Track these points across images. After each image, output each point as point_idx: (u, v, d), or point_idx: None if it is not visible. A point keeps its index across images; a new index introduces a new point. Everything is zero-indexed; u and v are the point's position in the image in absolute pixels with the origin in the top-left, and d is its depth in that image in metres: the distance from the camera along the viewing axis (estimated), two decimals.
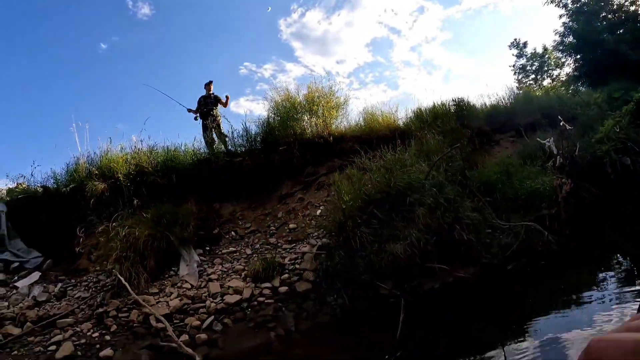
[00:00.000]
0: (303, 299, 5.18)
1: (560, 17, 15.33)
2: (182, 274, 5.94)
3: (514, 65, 20.30)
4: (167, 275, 5.99)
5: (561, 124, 8.60)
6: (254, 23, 33.21)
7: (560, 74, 18.54)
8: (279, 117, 8.92)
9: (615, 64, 12.95)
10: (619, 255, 5.74)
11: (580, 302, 4.36)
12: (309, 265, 5.70)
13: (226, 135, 8.86)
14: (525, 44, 19.99)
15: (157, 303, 5.24)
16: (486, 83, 34.10)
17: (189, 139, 10.52)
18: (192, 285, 5.69)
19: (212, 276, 5.85)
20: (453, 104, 9.76)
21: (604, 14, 14.13)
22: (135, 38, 28.36)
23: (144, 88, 23.58)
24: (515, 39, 20.31)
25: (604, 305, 4.09)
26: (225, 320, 4.86)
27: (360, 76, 34.75)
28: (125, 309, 5.10)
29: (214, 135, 8.72)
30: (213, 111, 8.74)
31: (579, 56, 14.87)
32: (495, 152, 9.45)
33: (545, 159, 8.03)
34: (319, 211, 7.31)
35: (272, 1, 32.15)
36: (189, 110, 8.95)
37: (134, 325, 4.80)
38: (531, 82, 19.33)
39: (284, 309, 5.02)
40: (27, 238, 6.90)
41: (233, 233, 7.28)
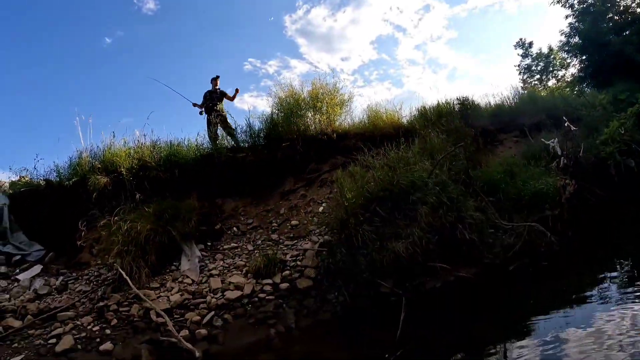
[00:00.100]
0: (304, 295, 5.17)
1: (566, 18, 15.19)
2: (184, 269, 5.95)
3: (519, 65, 20.25)
4: (169, 270, 5.99)
5: (566, 124, 8.58)
6: (259, 19, 33.20)
7: (565, 75, 18.43)
8: (282, 114, 8.89)
9: (621, 66, 12.84)
10: (621, 256, 5.70)
11: (582, 303, 4.35)
12: (310, 262, 5.69)
13: (234, 129, 8.82)
14: (530, 44, 19.94)
15: (158, 298, 5.25)
16: (491, 82, 33.99)
17: (192, 133, 10.52)
18: (193, 280, 5.69)
19: (213, 272, 5.85)
20: (457, 103, 9.73)
21: (611, 15, 13.99)
22: (140, 33, 28.46)
23: (148, 82, 23.61)
24: (520, 39, 20.26)
25: (605, 305, 4.09)
26: (226, 316, 4.86)
27: (364, 73, 34.80)
28: (126, 303, 5.11)
29: (219, 131, 8.69)
30: (217, 106, 8.70)
31: (584, 57, 14.74)
32: (499, 152, 9.40)
33: (549, 159, 8.00)
34: (321, 208, 7.29)
35: None
36: (194, 105, 8.92)
37: (135, 319, 4.80)
38: (536, 83, 19.25)
39: (284, 305, 5.02)
40: (30, 231, 6.91)
41: (235, 229, 7.27)
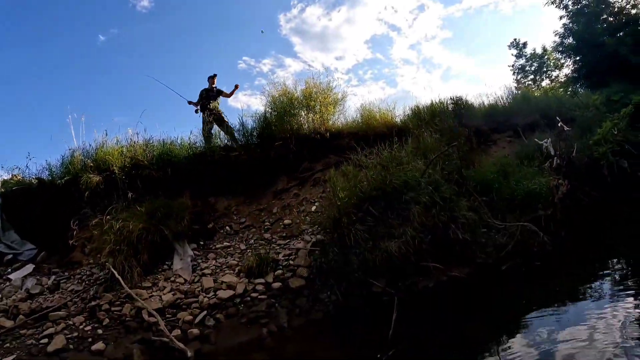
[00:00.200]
0: (296, 295, 5.16)
1: (560, 18, 15.31)
2: (176, 269, 5.92)
3: (513, 65, 20.33)
4: (161, 270, 5.96)
5: (559, 125, 8.64)
6: (254, 17, 33.08)
7: (559, 75, 18.55)
8: (276, 112, 8.86)
9: (615, 67, 12.94)
10: (614, 257, 5.74)
11: (574, 302, 4.38)
12: (302, 261, 5.68)
13: (233, 129, 8.78)
14: (524, 44, 20.02)
15: (150, 297, 5.22)
16: (485, 82, 34.05)
17: (185, 132, 10.47)
18: (186, 279, 5.67)
19: (206, 271, 5.83)
20: (451, 103, 9.73)
21: (605, 16, 14.09)
22: (134, 30, 28.27)
23: (142, 80, 23.53)
24: (514, 39, 20.34)
25: (598, 304, 4.12)
26: (218, 316, 4.84)
27: (359, 73, 34.80)
28: (118, 302, 5.08)
29: (215, 130, 8.65)
30: (210, 105, 8.66)
31: (578, 58, 14.84)
32: (493, 152, 9.43)
33: (542, 159, 8.05)
34: (314, 207, 7.27)
35: None
36: (190, 103, 8.89)
37: (127, 319, 4.78)
38: (530, 83, 19.33)
39: (277, 305, 5.01)
40: (21, 230, 6.84)
41: (228, 228, 7.25)
